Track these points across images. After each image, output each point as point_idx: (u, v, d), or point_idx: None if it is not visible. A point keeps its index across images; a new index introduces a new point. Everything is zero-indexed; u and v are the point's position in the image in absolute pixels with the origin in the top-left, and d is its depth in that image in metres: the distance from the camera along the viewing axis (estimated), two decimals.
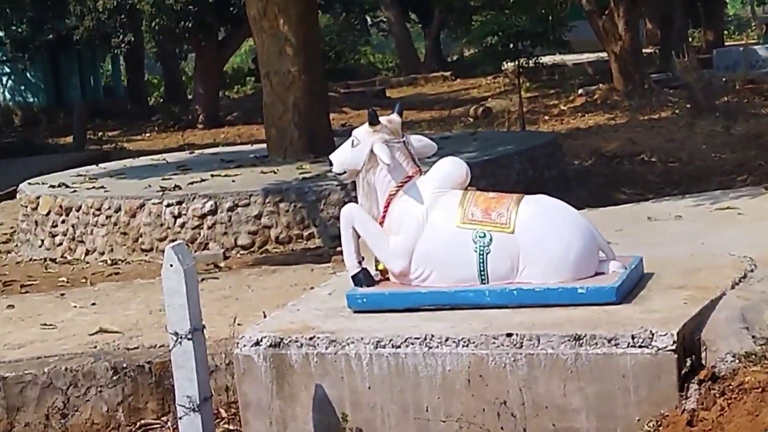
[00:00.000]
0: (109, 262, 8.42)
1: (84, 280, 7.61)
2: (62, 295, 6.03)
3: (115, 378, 4.38)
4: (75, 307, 5.54)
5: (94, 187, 9.39)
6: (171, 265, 3.55)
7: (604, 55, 19.13)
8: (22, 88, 24.83)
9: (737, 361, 3.22)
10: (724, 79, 16.79)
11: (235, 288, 5.68)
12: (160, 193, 8.65)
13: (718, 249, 4.30)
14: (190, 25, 18.85)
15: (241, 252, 8.25)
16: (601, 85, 17.97)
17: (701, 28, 26.08)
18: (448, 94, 22.66)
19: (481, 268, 3.70)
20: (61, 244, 8.98)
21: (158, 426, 4.39)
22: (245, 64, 32.19)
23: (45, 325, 5.13)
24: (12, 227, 10.04)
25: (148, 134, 20.09)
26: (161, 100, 25.63)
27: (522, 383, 3.38)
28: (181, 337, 3.55)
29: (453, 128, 14.93)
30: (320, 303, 4.02)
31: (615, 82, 17.45)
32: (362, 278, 3.89)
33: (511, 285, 3.69)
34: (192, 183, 9.05)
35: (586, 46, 23.15)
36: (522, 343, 3.39)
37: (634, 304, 3.58)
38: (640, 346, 3.27)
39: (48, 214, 9.10)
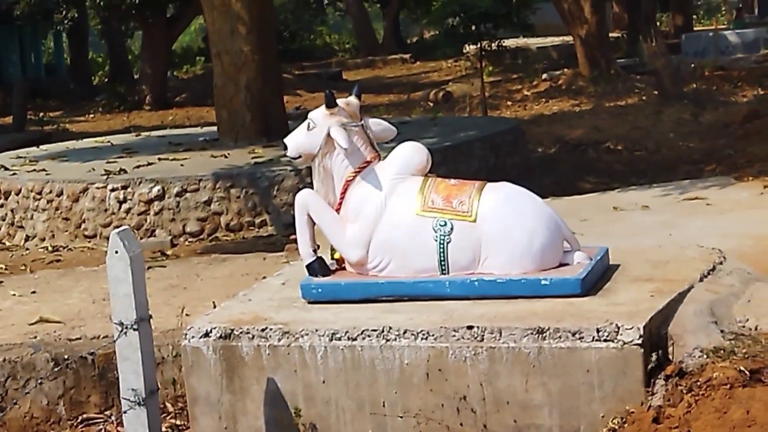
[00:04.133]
0: (50, 248, 8.20)
1: (24, 267, 7.41)
2: (0, 282, 5.85)
3: (56, 370, 4.25)
4: (14, 295, 5.39)
5: (34, 170, 9.14)
6: (116, 252, 3.42)
7: (569, 38, 18.93)
8: None
9: (705, 356, 3.15)
10: (692, 66, 16.69)
11: (183, 277, 5.54)
12: (105, 177, 8.43)
13: (687, 240, 4.26)
14: (137, 0, 18.38)
15: (190, 239, 8.08)
16: (565, 70, 17.76)
17: (670, 12, 25.75)
18: (407, 78, 22.50)
19: (442, 258, 3.60)
20: None
21: (101, 420, 4.28)
22: (195, 42, 31.74)
23: None
24: None
25: (91, 115, 19.68)
26: (106, 80, 25.11)
27: (483, 378, 3.29)
28: (126, 328, 3.42)
29: (412, 113, 14.74)
30: (273, 293, 3.91)
31: (580, 67, 17.24)
32: (317, 267, 3.77)
33: (472, 276, 3.59)
34: (138, 167, 8.84)
35: (551, 30, 23.11)
36: (483, 336, 3.30)
37: (600, 297, 3.51)
38: (605, 340, 3.20)
39: None
